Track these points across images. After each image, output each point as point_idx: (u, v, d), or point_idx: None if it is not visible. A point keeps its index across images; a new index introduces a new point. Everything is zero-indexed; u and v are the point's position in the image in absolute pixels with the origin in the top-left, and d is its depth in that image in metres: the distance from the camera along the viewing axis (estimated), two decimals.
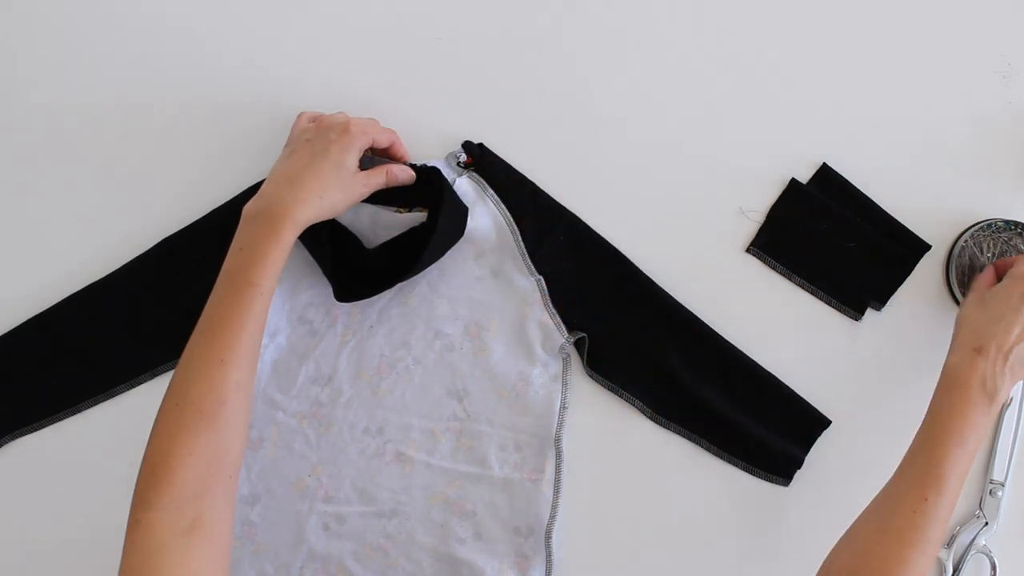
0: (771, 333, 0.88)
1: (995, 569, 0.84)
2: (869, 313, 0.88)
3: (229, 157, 0.91)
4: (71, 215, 0.91)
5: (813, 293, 0.88)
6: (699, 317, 0.87)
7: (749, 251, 0.89)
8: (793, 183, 0.89)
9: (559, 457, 0.85)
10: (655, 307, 0.88)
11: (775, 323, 0.88)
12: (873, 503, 0.74)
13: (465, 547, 0.84)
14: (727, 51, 0.91)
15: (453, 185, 0.88)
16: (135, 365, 0.89)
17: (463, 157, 0.90)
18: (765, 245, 0.88)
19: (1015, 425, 0.85)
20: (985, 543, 0.84)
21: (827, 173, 0.89)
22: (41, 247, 0.91)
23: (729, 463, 0.86)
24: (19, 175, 0.92)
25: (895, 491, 0.73)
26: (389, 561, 0.84)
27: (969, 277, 0.86)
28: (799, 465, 0.86)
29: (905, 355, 0.87)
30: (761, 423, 0.86)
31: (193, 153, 0.92)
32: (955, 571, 0.84)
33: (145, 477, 0.68)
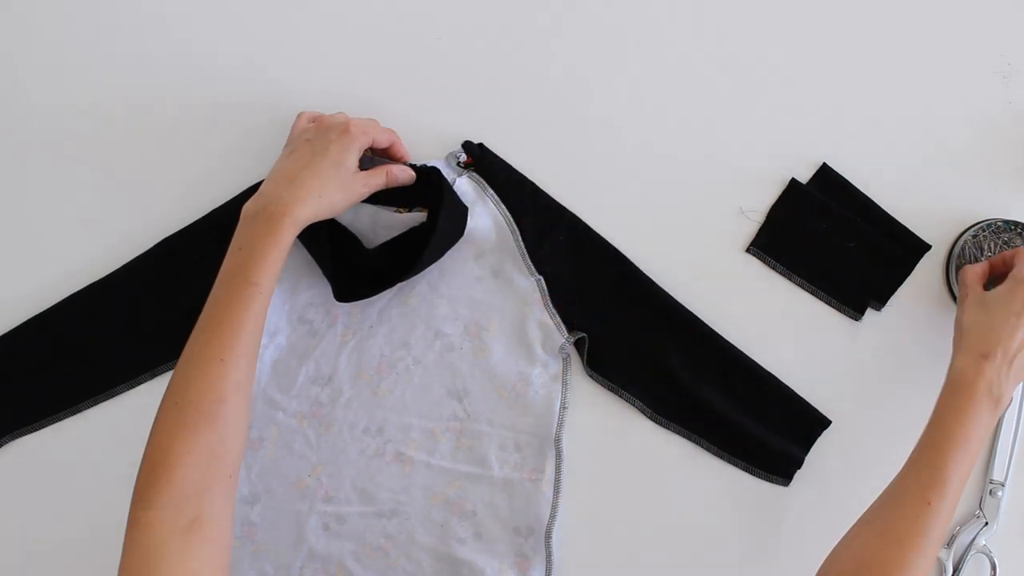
0: (771, 333, 0.88)
1: (995, 569, 0.84)
2: (869, 313, 0.88)
3: (229, 157, 0.91)
4: (71, 215, 0.91)
5: (813, 293, 0.88)
6: (699, 317, 0.87)
7: (749, 251, 0.89)
8: (793, 183, 0.89)
9: (559, 457, 0.85)
10: (655, 307, 0.88)
11: (775, 323, 0.88)
12: (874, 506, 0.73)
13: (465, 547, 0.84)
14: (727, 51, 0.92)
15: (453, 185, 0.88)
16: (135, 365, 0.89)
17: (463, 157, 0.90)
18: (765, 245, 0.88)
19: (1015, 425, 0.85)
20: (985, 543, 0.84)
21: (827, 173, 0.89)
22: (41, 247, 0.91)
23: (729, 463, 0.86)
24: (19, 175, 0.92)
25: (898, 494, 0.72)
26: (389, 561, 0.84)
27: None
28: (799, 465, 0.86)
29: (905, 355, 0.87)
30: (761, 423, 0.86)
31: (193, 153, 0.92)
32: (955, 571, 0.84)
33: (144, 476, 0.68)
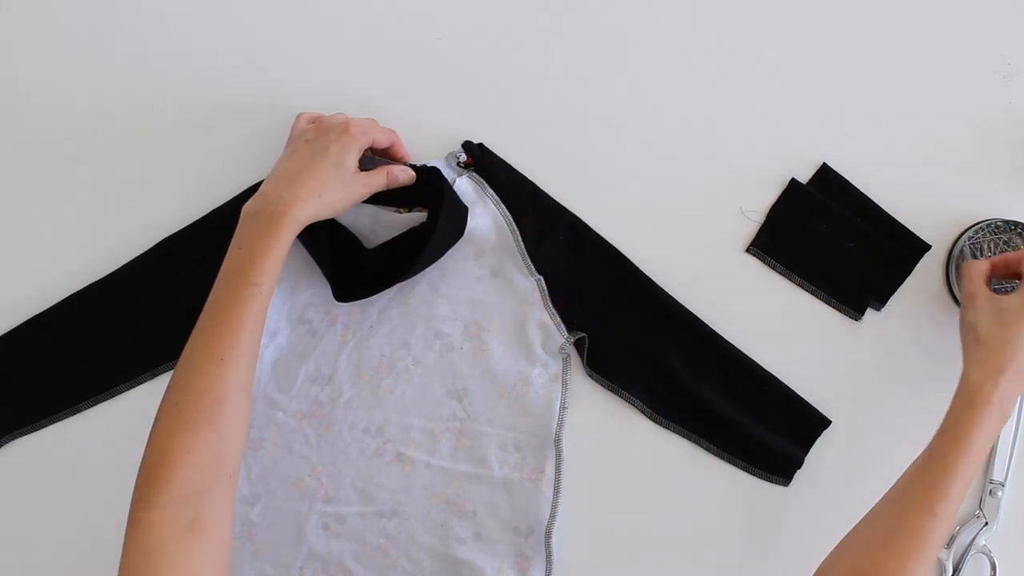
0: (771, 333, 0.88)
1: (995, 569, 0.84)
2: (869, 313, 0.88)
3: (229, 157, 0.91)
4: (71, 215, 0.91)
5: (813, 293, 0.88)
6: (699, 317, 0.87)
7: (749, 251, 0.89)
8: (793, 183, 0.89)
9: (559, 457, 0.85)
10: (655, 307, 0.88)
11: (775, 323, 0.88)
12: (874, 512, 0.72)
13: (465, 547, 0.84)
14: (727, 51, 0.91)
15: (453, 185, 0.88)
16: (135, 365, 0.89)
17: (463, 157, 0.90)
18: (765, 245, 0.88)
19: (1015, 425, 0.85)
20: (985, 543, 0.84)
21: (827, 173, 0.89)
22: (41, 247, 0.91)
23: (729, 463, 0.86)
24: (19, 175, 0.92)
25: (902, 503, 0.71)
26: (389, 561, 0.84)
27: None
28: (799, 465, 0.86)
29: (905, 355, 0.87)
30: (761, 423, 0.86)
31: (193, 153, 0.92)
32: (955, 571, 0.84)
33: (144, 476, 0.68)
